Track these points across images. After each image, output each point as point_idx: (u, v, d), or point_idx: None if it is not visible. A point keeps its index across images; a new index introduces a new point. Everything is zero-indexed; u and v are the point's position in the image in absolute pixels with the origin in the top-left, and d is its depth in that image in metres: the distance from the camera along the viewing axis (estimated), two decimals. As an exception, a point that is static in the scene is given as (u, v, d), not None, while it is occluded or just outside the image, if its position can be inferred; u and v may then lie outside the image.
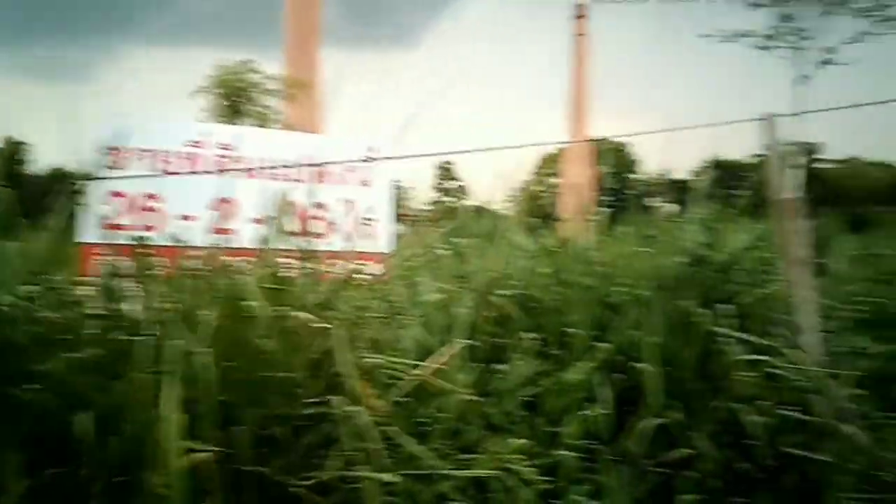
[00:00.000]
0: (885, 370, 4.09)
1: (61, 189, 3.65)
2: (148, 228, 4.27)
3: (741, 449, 3.28)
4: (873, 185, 34.82)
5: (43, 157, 28.51)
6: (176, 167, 4.64)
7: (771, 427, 3.26)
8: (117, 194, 4.43)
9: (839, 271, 5.88)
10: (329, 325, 2.78)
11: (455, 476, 2.72)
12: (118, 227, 4.28)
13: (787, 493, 3.15)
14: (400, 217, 6.13)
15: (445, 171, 46.54)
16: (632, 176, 39.74)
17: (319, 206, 4.70)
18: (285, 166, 4.75)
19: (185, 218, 4.42)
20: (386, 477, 2.53)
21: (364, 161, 4.89)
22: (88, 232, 4.22)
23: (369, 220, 5.03)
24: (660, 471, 3.21)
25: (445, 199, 41.85)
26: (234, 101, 14.37)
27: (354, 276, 3.37)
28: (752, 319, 3.84)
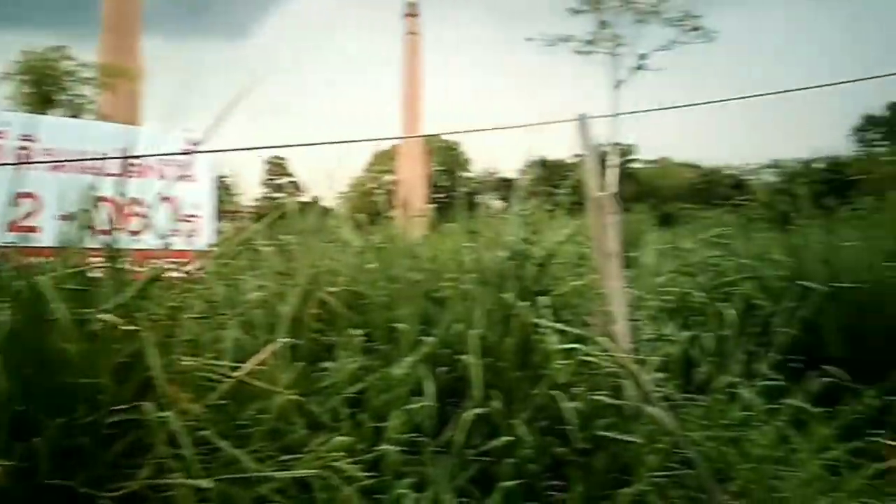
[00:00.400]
0: (687, 355, 4.43)
1: None
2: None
3: (557, 434, 3.44)
4: (682, 183, 37.64)
5: None
6: (-32, 158, 4.23)
7: (585, 412, 3.43)
8: None
9: (648, 264, 6.28)
10: (137, 328, 2.63)
11: (275, 478, 2.66)
12: None
13: (599, 474, 3.33)
14: (224, 213, 5.93)
15: (276, 167, 45.56)
16: (463, 173, 40.70)
17: (134, 201, 4.44)
18: (96, 158, 4.45)
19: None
20: (200, 483, 2.42)
21: (182, 154, 4.67)
22: None
23: (190, 216, 4.82)
24: (482, 459, 3.30)
25: (275, 194, 40.94)
26: (44, 89, 13.34)
27: (169, 274, 3.21)
28: (568, 310, 4.03)
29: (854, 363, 4.94)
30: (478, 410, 3.33)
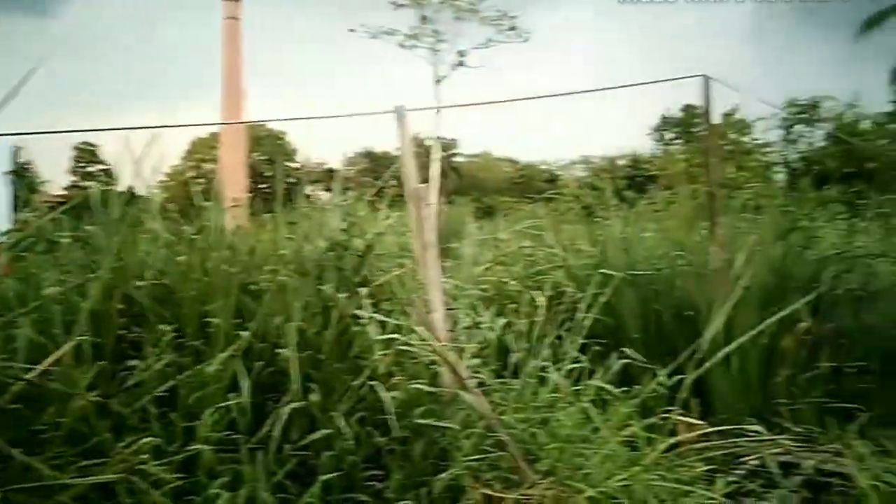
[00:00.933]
0: (503, 341, 4.59)
1: None
2: None
3: (377, 424, 3.47)
4: (501, 177, 39.08)
5: None
6: None
7: (403, 401, 3.49)
8: None
9: (467, 255, 6.47)
10: None
11: (75, 485, 2.49)
12: None
13: (416, 461, 3.39)
14: (23, 203, 5.45)
15: (86, 154, 42.46)
16: (287, 164, 39.91)
17: None
18: None
19: None
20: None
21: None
22: None
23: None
24: (300, 454, 3.27)
25: (85, 183, 38.15)
26: None
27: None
28: (388, 301, 4.07)
29: (650, 344, 5.37)
30: (296, 404, 3.29)
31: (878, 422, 4.73)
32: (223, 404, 3.20)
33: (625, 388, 3.93)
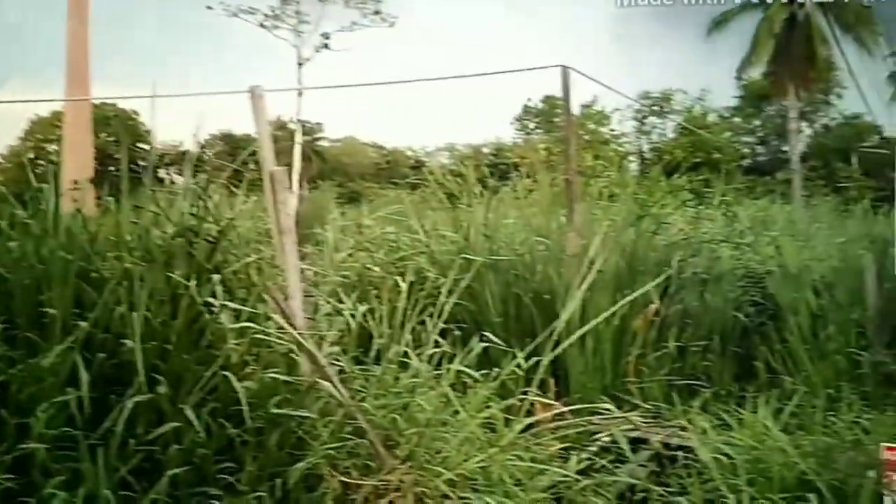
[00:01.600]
0: (365, 327, 4.52)
1: None
2: None
3: (230, 415, 3.34)
4: (367, 162, 38.72)
5: None
6: None
7: (258, 391, 3.37)
8: None
9: (330, 240, 6.35)
10: None
11: None
12: None
13: (272, 452, 3.29)
14: None
15: None
16: (140, 145, 37.91)
17: None
18: None
19: None
20: None
21: None
22: None
23: None
24: (147, 448, 3.10)
25: None
26: None
27: None
28: (243, 288, 3.92)
29: (511, 327, 5.48)
30: (141, 397, 3.12)
31: (719, 397, 5.04)
32: (60, 399, 2.98)
33: (485, 372, 3.97)
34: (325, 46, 19.27)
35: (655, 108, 38.66)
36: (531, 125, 42.11)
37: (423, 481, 3.20)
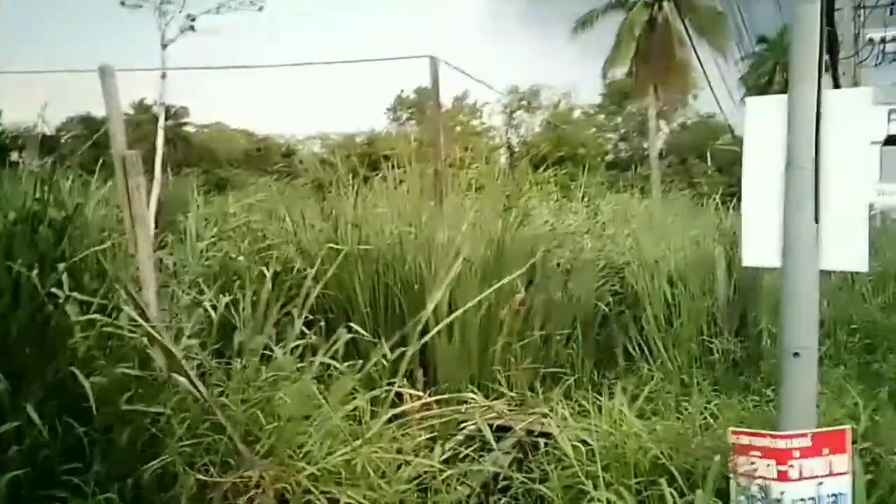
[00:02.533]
0: (227, 319, 4.36)
1: None
2: None
3: (78, 412, 3.12)
4: (236, 149, 37.53)
5: None
6: None
7: (107, 386, 3.17)
8: None
9: (191, 229, 6.09)
10: None
11: None
12: None
13: (122, 451, 3.11)
14: None
15: None
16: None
17: None
18: None
19: None
20: None
21: None
22: None
23: None
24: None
25: None
26: None
27: None
28: (93, 278, 3.68)
29: (380, 318, 5.44)
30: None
31: (581, 384, 5.20)
32: None
33: (350, 363, 3.92)
34: (191, 28, 18.48)
35: (524, 102, 39.69)
36: (404, 116, 42.28)
37: (284, 477, 3.11)
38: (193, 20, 20.79)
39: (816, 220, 2.92)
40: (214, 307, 4.31)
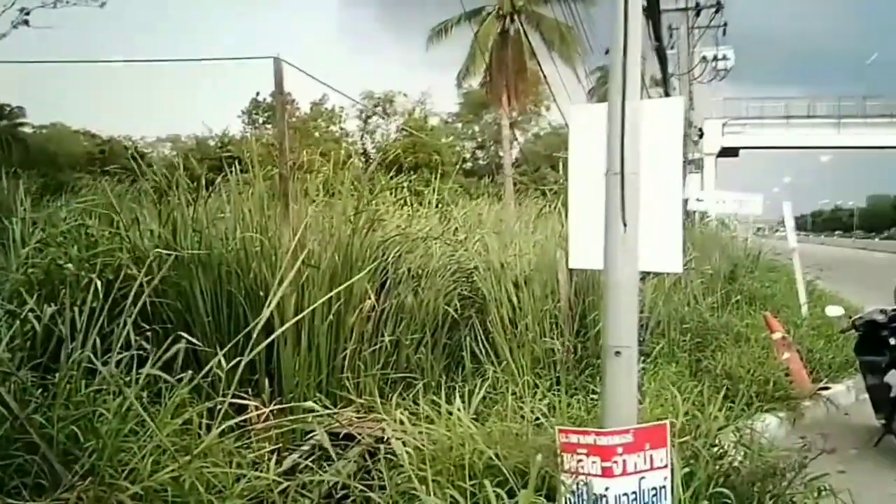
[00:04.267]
0: (51, 330, 4.06)
1: None
2: None
3: None
4: (78, 151, 35.45)
5: None
6: None
7: None
8: None
9: (16, 233, 5.64)
10: None
11: None
12: None
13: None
14: None
15: None
16: None
17: None
18: None
19: None
20: None
21: None
22: None
23: None
24: None
25: None
26: None
27: None
28: None
29: (223, 326, 5.25)
30: None
31: (429, 388, 5.22)
32: None
33: (182, 375, 3.73)
34: (25, 23, 17.29)
35: (378, 108, 39.78)
36: (261, 119, 41.38)
37: (105, 497, 2.92)
38: (28, 14, 19.44)
39: (625, 224, 3.03)
40: (38, 318, 4.02)
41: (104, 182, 8.60)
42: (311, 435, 4.30)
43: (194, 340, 4.14)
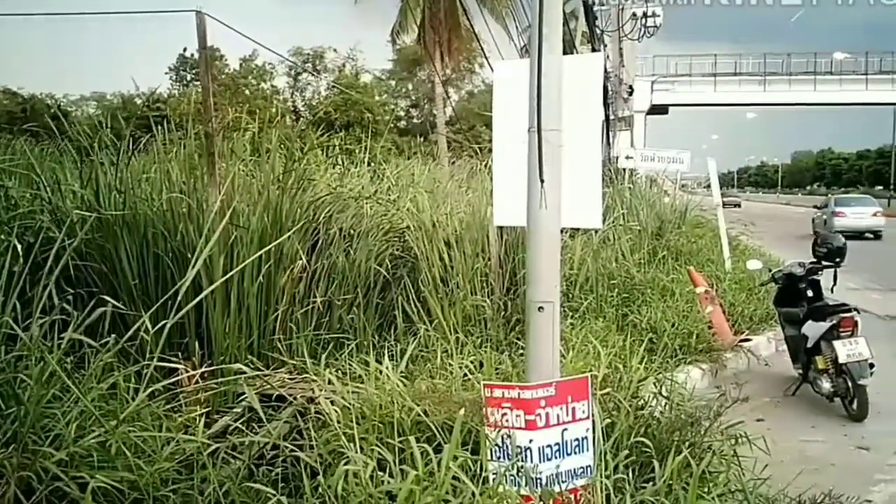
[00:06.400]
0: None
1: None
2: None
3: None
4: (-3, 110, 33.84)
5: None
6: None
7: None
8: None
9: None
10: None
11: None
12: None
13: None
14: None
15: None
16: None
17: None
18: None
19: None
20: None
21: None
22: None
23: None
24: None
25: None
26: None
27: None
28: None
29: (149, 289, 5.15)
30: None
31: (362, 348, 5.25)
32: None
33: (107, 340, 3.66)
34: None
35: (308, 64, 38.89)
36: (188, 76, 40.07)
37: (29, 465, 2.87)
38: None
39: (542, 181, 3.06)
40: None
41: (24, 142, 8.28)
42: (242, 397, 4.29)
43: (119, 305, 4.05)
